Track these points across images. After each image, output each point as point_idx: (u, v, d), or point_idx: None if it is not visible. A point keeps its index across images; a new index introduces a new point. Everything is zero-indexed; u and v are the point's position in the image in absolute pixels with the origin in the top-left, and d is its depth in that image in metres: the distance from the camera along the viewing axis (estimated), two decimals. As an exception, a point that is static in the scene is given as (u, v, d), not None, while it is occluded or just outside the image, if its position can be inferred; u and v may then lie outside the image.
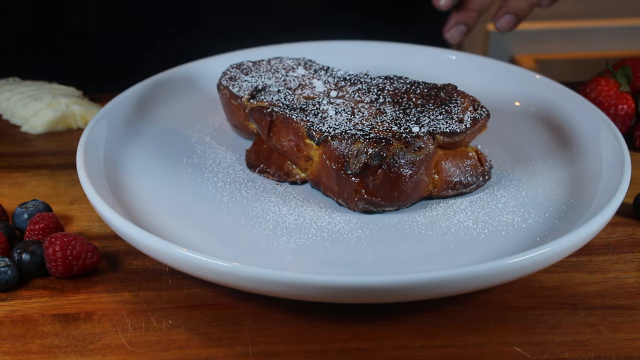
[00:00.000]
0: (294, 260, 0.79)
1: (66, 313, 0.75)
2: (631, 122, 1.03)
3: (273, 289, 0.71)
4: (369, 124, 0.86)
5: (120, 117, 0.98)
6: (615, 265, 0.81)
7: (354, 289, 0.69)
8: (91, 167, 0.86)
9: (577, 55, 2.09)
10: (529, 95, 1.07)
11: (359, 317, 0.74)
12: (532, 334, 0.72)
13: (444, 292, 0.72)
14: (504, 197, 0.88)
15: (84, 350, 0.71)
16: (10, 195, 0.93)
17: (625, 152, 0.87)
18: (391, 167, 0.82)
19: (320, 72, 0.97)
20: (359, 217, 0.85)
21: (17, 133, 1.07)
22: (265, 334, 0.72)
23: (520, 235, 0.81)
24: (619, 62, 1.07)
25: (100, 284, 0.78)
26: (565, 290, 0.78)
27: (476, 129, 0.87)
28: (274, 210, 0.86)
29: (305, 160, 0.88)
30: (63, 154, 1.02)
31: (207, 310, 0.75)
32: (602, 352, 0.70)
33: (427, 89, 0.92)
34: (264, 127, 0.90)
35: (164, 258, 0.74)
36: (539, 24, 2.13)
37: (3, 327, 0.73)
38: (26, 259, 0.78)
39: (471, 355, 0.70)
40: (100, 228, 0.87)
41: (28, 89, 1.11)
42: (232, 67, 0.99)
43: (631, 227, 0.87)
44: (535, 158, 0.95)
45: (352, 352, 0.71)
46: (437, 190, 0.87)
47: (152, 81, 1.06)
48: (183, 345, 0.71)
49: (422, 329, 0.73)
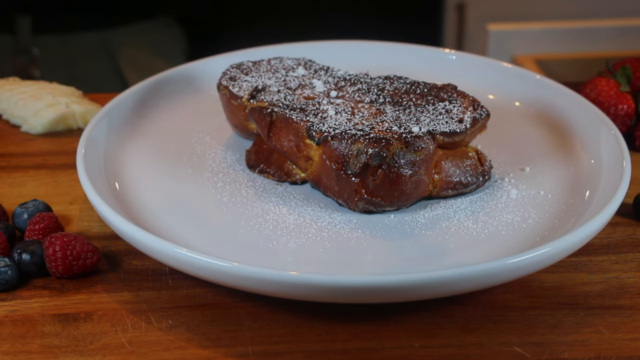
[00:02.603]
0: (294, 260, 0.79)
1: (66, 313, 0.75)
2: (631, 122, 1.03)
3: (273, 289, 0.71)
4: (369, 124, 0.86)
5: (120, 117, 0.98)
6: (615, 265, 0.81)
7: (354, 289, 0.69)
8: (91, 167, 0.86)
9: (577, 55, 2.09)
10: (529, 95, 1.07)
11: (359, 317, 0.74)
12: (532, 334, 0.72)
13: (444, 292, 0.72)
14: (503, 197, 0.88)
15: (84, 350, 0.71)
16: (10, 195, 0.93)
17: (625, 152, 0.87)
18: (391, 167, 0.82)
19: (320, 72, 0.97)
20: (359, 217, 0.85)
21: (17, 133, 1.07)
22: (265, 334, 0.72)
23: (520, 235, 0.81)
24: (619, 62, 1.07)
25: (100, 284, 0.78)
26: (565, 290, 0.78)
27: (476, 129, 0.87)
28: (274, 210, 0.86)
29: (305, 160, 0.88)
30: (63, 154, 1.01)
31: (207, 310, 0.75)
32: (602, 352, 0.70)
33: (427, 89, 0.92)
34: (264, 127, 0.90)
35: (164, 258, 0.74)
36: (539, 24, 2.12)
37: (3, 327, 0.73)
38: (26, 259, 0.78)
39: (471, 355, 0.70)
40: (100, 228, 0.87)
41: (28, 89, 1.11)
42: (232, 67, 0.99)
43: (631, 227, 0.87)
44: (535, 158, 0.95)
45: (352, 352, 0.71)
46: (437, 190, 0.87)
47: (152, 81, 1.06)
48: (183, 345, 0.71)
49: (422, 329, 0.73)
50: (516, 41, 2.10)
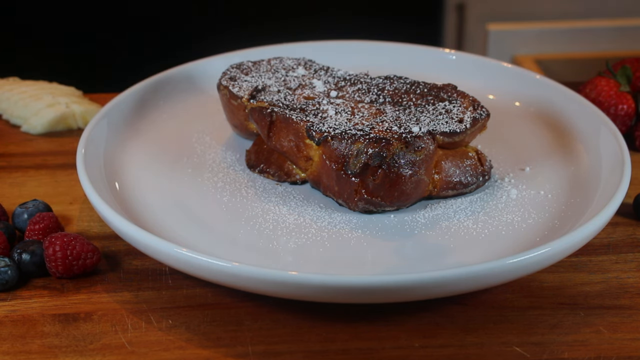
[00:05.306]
0: (294, 260, 0.79)
1: (66, 313, 0.75)
2: (631, 122, 1.03)
3: (273, 289, 0.71)
4: (369, 124, 0.86)
5: (120, 117, 0.98)
6: (615, 265, 0.81)
7: (354, 289, 0.69)
8: (91, 167, 0.86)
9: (577, 55, 2.09)
10: (529, 95, 1.07)
11: (359, 317, 0.74)
12: (532, 334, 0.72)
13: (444, 292, 0.72)
14: (503, 197, 0.88)
15: (84, 350, 0.71)
16: (10, 195, 0.93)
17: (625, 152, 0.87)
18: (391, 167, 0.82)
19: (320, 72, 0.97)
20: (359, 217, 0.85)
21: (17, 133, 1.07)
22: (265, 334, 0.72)
23: (520, 235, 0.81)
24: (619, 62, 1.07)
25: (100, 284, 0.78)
26: (565, 290, 0.78)
27: (476, 129, 0.87)
28: (274, 210, 0.86)
29: (305, 160, 0.88)
30: (63, 154, 1.02)
31: (207, 310, 0.75)
32: (602, 352, 0.70)
33: (427, 89, 0.92)
34: (264, 127, 0.90)
35: (164, 258, 0.74)
36: (539, 24, 2.12)
37: (3, 327, 0.73)
38: (26, 259, 0.78)
39: (471, 355, 0.70)
40: (100, 228, 0.87)
41: (28, 89, 1.11)
42: (232, 67, 0.99)
43: (631, 227, 0.87)
44: (535, 158, 0.95)
45: (352, 352, 0.71)
46: (437, 190, 0.87)
47: (152, 81, 1.06)
48: (183, 345, 0.71)
49: (422, 329, 0.73)
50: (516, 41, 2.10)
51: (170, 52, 1.74)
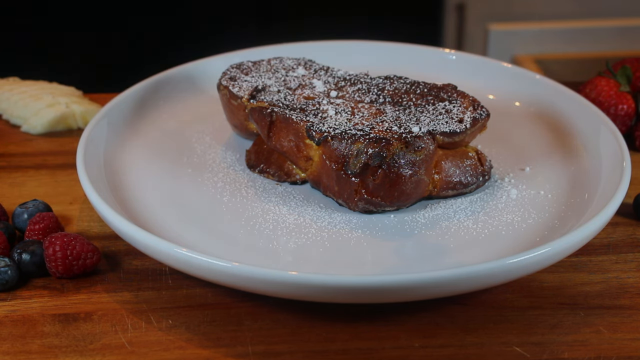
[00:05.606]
0: (294, 260, 0.79)
1: (66, 313, 0.75)
2: (631, 122, 1.03)
3: (273, 289, 0.71)
4: (369, 124, 0.86)
5: (120, 117, 0.98)
6: (615, 265, 0.81)
7: (354, 289, 0.69)
8: (91, 167, 0.86)
9: (577, 55, 2.09)
10: (529, 95, 1.07)
11: (359, 317, 0.74)
12: (532, 334, 0.72)
13: (444, 292, 0.72)
14: (504, 197, 0.88)
15: (84, 350, 0.71)
16: (10, 195, 0.93)
17: (625, 152, 0.87)
18: (391, 167, 0.82)
19: (320, 72, 0.97)
20: (359, 217, 0.85)
21: (17, 133, 1.07)
22: (265, 334, 0.72)
23: (520, 235, 0.81)
24: (619, 62, 1.07)
25: (100, 284, 0.78)
26: (565, 290, 0.78)
27: (476, 129, 0.87)
28: (274, 210, 0.86)
29: (305, 160, 0.88)
30: (63, 154, 1.02)
31: (207, 310, 0.75)
32: (602, 352, 0.70)
33: (427, 89, 0.92)
34: (263, 127, 0.90)
35: (164, 258, 0.74)
36: (539, 24, 2.13)
37: (3, 327, 0.73)
38: (26, 259, 0.78)
39: (471, 355, 0.70)
40: (100, 228, 0.87)
41: (28, 89, 1.11)
42: (232, 67, 0.99)
43: (631, 227, 0.87)
44: (535, 158, 0.95)
45: (352, 352, 0.71)
46: (437, 190, 0.87)
47: (152, 81, 1.06)
48: (183, 345, 0.71)
49: (422, 329, 0.73)
50: (516, 41, 2.10)
51: (170, 52, 1.74)
